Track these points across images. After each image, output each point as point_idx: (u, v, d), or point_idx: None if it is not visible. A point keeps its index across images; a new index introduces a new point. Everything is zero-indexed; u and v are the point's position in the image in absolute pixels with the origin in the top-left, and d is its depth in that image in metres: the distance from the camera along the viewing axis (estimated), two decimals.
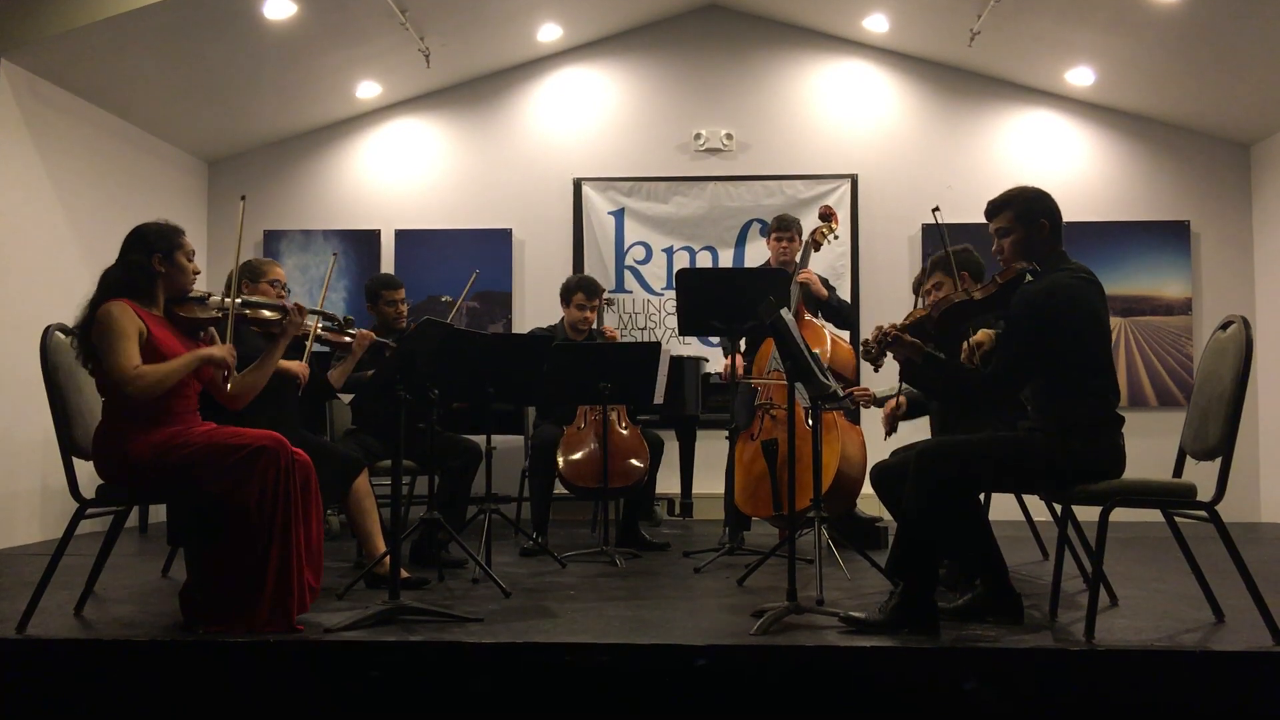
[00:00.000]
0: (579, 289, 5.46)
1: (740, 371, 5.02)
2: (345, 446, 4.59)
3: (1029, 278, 3.29)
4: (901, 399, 4.36)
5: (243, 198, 3.77)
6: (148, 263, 3.34)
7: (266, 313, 3.67)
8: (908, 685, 2.91)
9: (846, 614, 3.19)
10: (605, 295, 5.85)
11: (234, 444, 3.19)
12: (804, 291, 5.22)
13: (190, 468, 3.16)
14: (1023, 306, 3.21)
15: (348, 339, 4.28)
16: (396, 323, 5.00)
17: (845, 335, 5.38)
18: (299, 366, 4.09)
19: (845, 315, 5.56)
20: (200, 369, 3.36)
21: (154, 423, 3.22)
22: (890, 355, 3.38)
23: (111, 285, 3.31)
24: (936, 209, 3.73)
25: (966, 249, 4.06)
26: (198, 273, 3.50)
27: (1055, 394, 3.24)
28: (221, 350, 3.36)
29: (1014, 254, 3.31)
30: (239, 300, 3.56)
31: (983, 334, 3.81)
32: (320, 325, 4.15)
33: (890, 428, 4.30)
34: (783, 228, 5.45)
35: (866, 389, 4.71)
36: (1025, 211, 3.29)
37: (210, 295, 3.52)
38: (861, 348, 3.48)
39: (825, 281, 5.52)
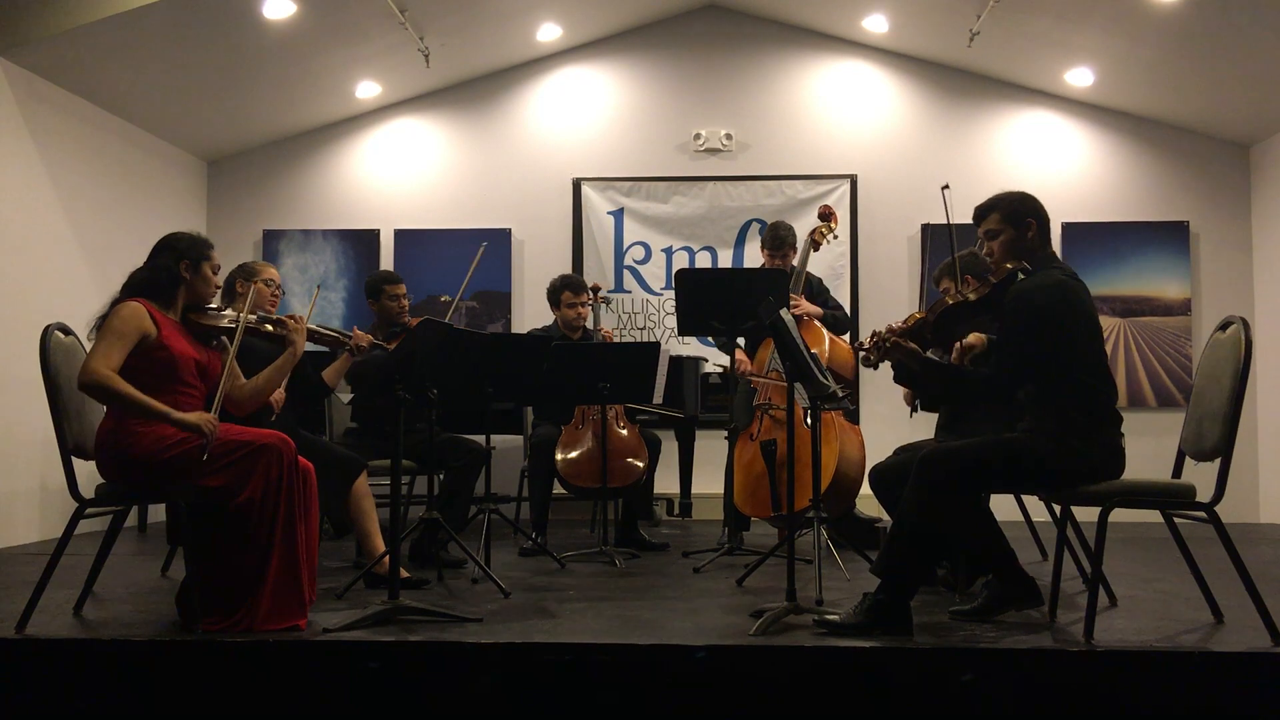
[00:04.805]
0: (565, 288, 5.46)
1: (745, 367, 4.99)
2: (344, 444, 4.59)
3: (1021, 276, 3.33)
4: None
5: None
6: (174, 267, 3.41)
7: (270, 326, 3.70)
8: (907, 685, 2.91)
9: (821, 617, 3.19)
10: (601, 294, 5.83)
11: (238, 440, 3.21)
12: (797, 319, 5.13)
13: (193, 463, 3.16)
14: (1016, 303, 3.24)
15: (335, 336, 4.17)
16: (399, 317, 4.97)
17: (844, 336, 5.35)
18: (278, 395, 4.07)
19: (841, 324, 5.36)
20: (201, 369, 3.39)
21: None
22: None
23: (135, 285, 3.38)
24: (946, 187, 3.76)
25: (973, 253, 4.07)
26: (219, 288, 3.57)
27: (1051, 394, 3.24)
28: (204, 423, 3.17)
29: (1004, 254, 3.37)
30: (251, 316, 3.59)
31: (974, 337, 3.82)
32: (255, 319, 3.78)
33: (913, 406, 4.35)
34: (775, 246, 5.21)
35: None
36: (1012, 213, 3.34)
37: (226, 309, 3.61)
38: (860, 355, 3.50)
39: (820, 284, 5.49)
